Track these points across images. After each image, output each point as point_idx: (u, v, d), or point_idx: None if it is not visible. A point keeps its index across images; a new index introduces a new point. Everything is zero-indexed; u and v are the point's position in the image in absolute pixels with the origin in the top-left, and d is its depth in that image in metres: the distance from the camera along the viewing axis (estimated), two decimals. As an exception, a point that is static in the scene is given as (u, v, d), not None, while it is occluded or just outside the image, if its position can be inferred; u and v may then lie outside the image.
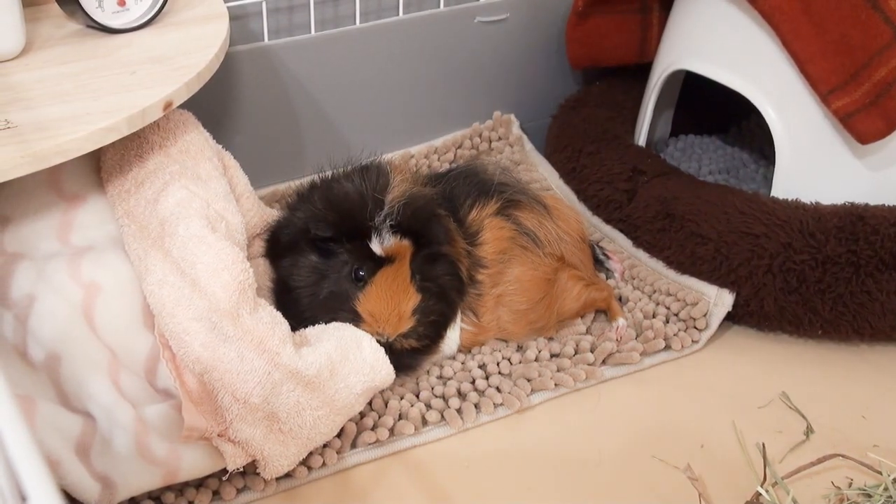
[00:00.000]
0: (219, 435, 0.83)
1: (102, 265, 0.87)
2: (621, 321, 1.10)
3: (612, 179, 1.25)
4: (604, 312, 1.14)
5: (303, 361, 0.84)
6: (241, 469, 0.87)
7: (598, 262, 1.19)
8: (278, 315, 0.87)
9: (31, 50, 0.94)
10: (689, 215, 1.13)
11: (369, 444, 0.94)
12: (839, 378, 1.06)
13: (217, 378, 0.82)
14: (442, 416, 0.97)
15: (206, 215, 0.87)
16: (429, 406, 0.98)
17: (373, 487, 0.91)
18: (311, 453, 0.90)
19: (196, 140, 0.96)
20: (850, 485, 0.91)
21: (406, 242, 0.94)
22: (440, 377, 1.02)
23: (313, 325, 0.94)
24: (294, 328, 0.90)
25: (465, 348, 1.06)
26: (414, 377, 1.03)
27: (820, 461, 0.91)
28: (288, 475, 0.89)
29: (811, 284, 1.05)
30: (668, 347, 1.08)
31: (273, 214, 1.07)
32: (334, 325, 0.93)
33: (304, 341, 0.90)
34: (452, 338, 1.03)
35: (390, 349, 0.94)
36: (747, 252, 1.08)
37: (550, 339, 1.08)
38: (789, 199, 1.11)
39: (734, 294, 1.09)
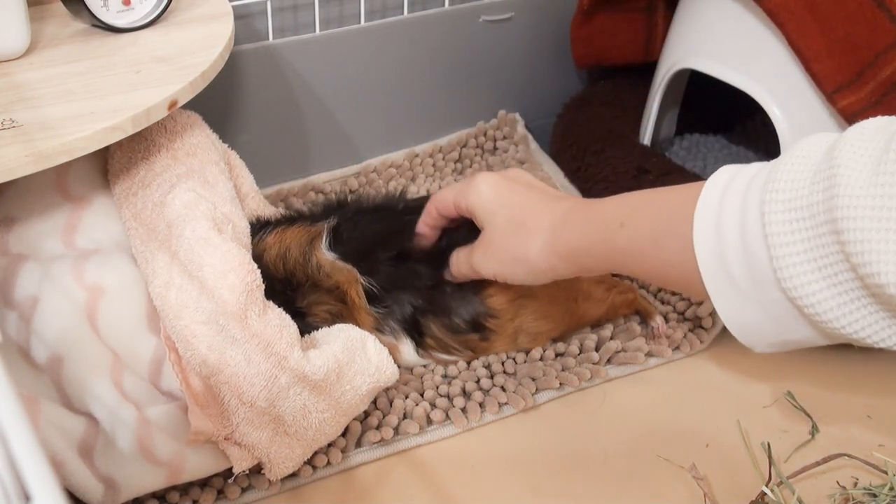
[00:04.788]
0: (225, 438, 0.83)
1: (106, 268, 0.87)
2: (659, 319, 1.08)
3: (618, 178, 1.24)
4: (626, 317, 1.11)
5: (311, 365, 0.84)
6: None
7: None
8: (287, 317, 0.86)
9: (35, 49, 0.94)
10: (694, 214, 1.13)
11: (374, 443, 0.94)
12: (845, 377, 1.06)
13: (224, 381, 0.81)
14: (447, 416, 0.97)
15: (213, 217, 0.86)
16: (433, 405, 0.98)
17: (377, 486, 0.91)
18: (315, 452, 0.90)
19: (203, 143, 0.96)
20: (855, 484, 0.91)
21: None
22: (445, 376, 1.02)
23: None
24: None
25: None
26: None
27: (825, 461, 0.91)
28: (293, 474, 0.89)
29: (817, 283, 1.05)
30: (675, 348, 1.08)
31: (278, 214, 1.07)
32: (338, 326, 0.92)
33: (313, 343, 0.89)
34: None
35: None
36: (752, 251, 1.07)
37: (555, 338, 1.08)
38: (795, 197, 1.10)
39: (740, 293, 1.09)
